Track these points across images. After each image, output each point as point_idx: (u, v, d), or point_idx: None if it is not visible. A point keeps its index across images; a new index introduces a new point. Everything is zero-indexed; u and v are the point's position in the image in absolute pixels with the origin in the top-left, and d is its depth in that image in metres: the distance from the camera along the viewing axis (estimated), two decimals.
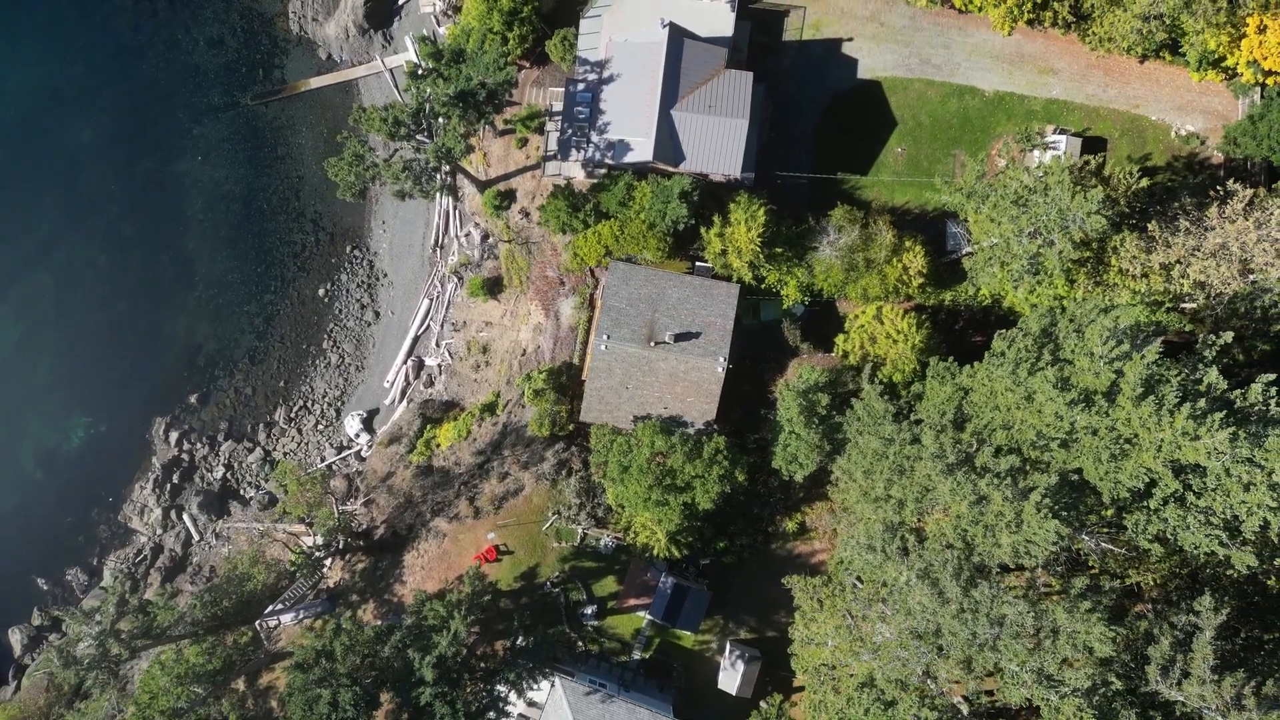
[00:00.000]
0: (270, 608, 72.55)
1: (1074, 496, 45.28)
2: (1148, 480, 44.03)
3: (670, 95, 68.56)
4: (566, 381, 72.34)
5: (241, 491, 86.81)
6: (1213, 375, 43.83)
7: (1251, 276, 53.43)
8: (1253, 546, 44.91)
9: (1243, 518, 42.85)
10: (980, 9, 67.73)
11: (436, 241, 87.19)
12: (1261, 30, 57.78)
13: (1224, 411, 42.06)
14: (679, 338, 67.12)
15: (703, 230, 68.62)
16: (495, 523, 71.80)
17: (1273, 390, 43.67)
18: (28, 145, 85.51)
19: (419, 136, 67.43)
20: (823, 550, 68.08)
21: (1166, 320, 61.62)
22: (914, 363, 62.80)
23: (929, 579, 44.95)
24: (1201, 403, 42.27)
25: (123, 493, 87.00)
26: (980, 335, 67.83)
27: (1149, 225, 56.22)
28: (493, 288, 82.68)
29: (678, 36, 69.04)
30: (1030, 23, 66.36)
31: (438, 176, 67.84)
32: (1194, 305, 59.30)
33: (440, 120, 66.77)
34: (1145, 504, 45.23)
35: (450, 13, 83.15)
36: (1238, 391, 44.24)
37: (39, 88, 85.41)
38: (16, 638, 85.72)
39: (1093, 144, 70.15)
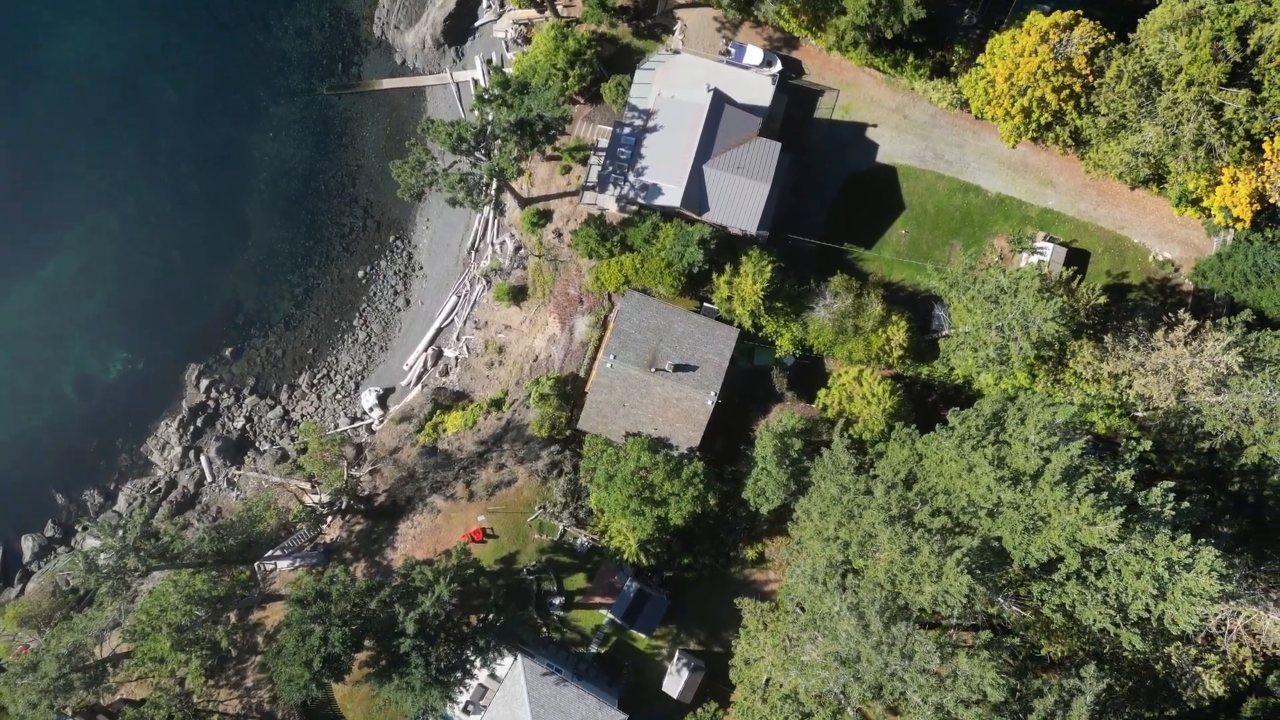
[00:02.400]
0: (270, 552, 79.28)
1: (992, 560, 51.92)
2: (1055, 555, 50.66)
3: (705, 152, 76.04)
4: (570, 391, 79.29)
5: (257, 444, 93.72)
6: (1124, 476, 50.61)
7: (1186, 398, 60.30)
8: (1139, 630, 51.40)
9: (1129, 601, 49.38)
10: (992, 119, 75.21)
11: (473, 245, 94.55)
12: (1234, 181, 64.96)
13: (1125, 506, 48.74)
14: (678, 368, 74.11)
15: (714, 275, 75.77)
16: (486, 507, 78.61)
17: (1170, 496, 50.37)
18: (120, 96, 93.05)
19: (478, 153, 74.94)
20: (776, 581, 74.68)
21: (1117, 424, 68.62)
22: (883, 424, 69.70)
23: (858, 611, 51.54)
24: (1105, 495, 48.99)
25: (148, 427, 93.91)
26: (951, 410, 74.77)
27: (1105, 337, 63.25)
28: (517, 295, 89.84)
29: (719, 101, 76.62)
30: (1035, 139, 73.64)
31: (488, 191, 75.25)
32: (1142, 415, 66.24)
33: (498, 142, 74.31)
34: (1052, 577, 51.80)
35: (520, 42, 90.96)
36: (1142, 493, 50.95)
37: (138, 47, 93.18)
38: (28, 544, 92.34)
39: (1077, 255, 77.33)
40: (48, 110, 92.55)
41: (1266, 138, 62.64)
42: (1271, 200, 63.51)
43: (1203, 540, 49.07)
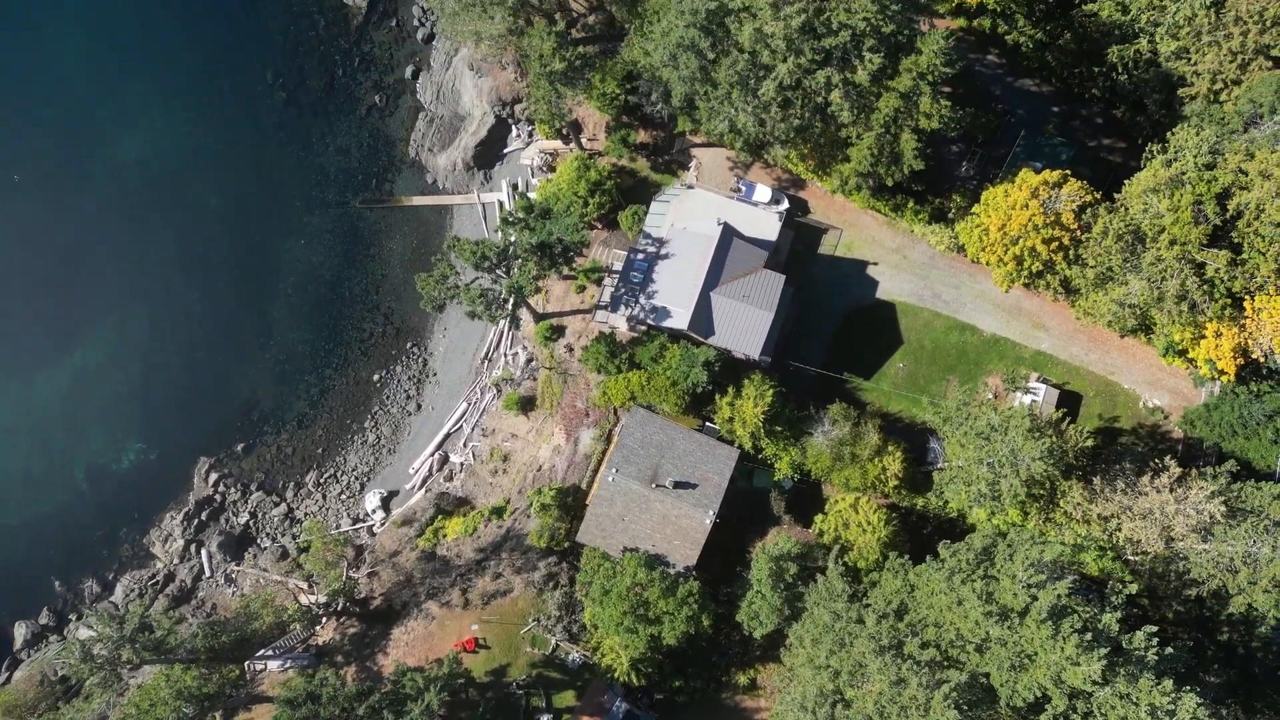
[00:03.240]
0: (261, 652, 79.13)
1: (980, 696, 52.11)
2: (1041, 695, 50.91)
3: (712, 280, 79.97)
4: (571, 503, 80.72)
5: (259, 540, 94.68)
6: (1110, 618, 51.45)
7: (1174, 544, 61.50)
8: None
9: None
10: (987, 264, 79.20)
11: (487, 355, 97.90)
12: (1218, 335, 67.94)
13: (1109, 649, 49.39)
14: (678, 484, 75.76)
15: (717, 397, 78.34)
16: (480, 616, 78.80)
17: (1153, 641, 51.01)
18: (165, 199, 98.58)
19: (498, 271, 79.05)
20: (766, 709, 73.98)
21: (1109, 567, 69.42)
22: (877, 553, 70.70)
23: None
24: (1090, 636, 49.72)
25: (153, 519, 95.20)
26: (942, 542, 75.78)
27: (1094, 479, 64.98)
28: (526, 405, 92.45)
29: (729, 234, 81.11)
30: (1027, 285, 77.37)
31: (506, 307, 78.97)
32: (1132, 559, 67.18)
33: (519, 262, 78.52)
34: (1039, 717, 51.89)
35: (545, 169, 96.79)
36: (1126, 636, 51.63)
37: (188, 155, 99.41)
38: (20, 631, 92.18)
39: (1070, 398, 79.83)
40: (95, 207, 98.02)
41: (1247, 296, 65.98)
42: (1254, 355, 66.28)
43: (1186, 688, 49.42)
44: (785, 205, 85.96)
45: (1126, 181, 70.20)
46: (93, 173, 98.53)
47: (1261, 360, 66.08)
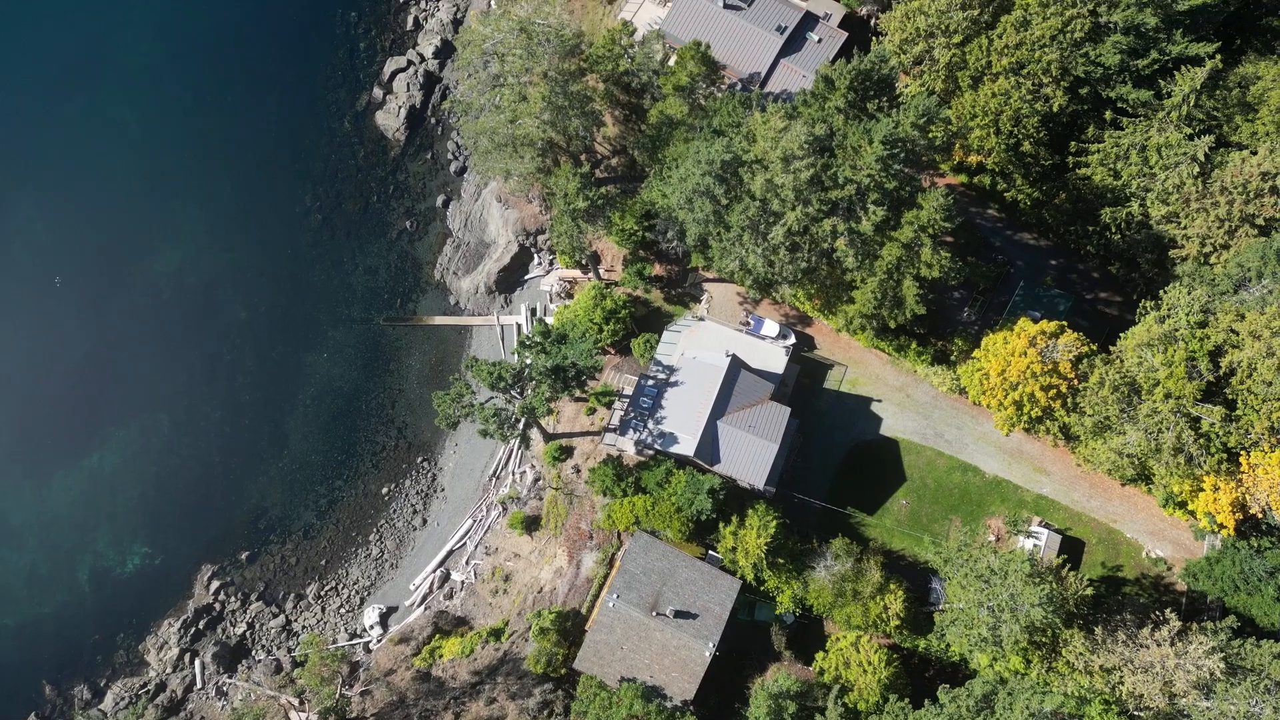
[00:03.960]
0: None
1: None
2: None
3: (720, 409, 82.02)
4: (571, 628, 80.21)
5: (254, 652, 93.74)
6: None
7: (1177, 700, 60.63)
8: None
9: None
10: (988, 406, 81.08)
11: (495, 472, 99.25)
12: (1215, 489, 68.80)
13: None
14: (679, 614, 75.50)
15: (721, 525, 79.01)
16: None
17: None
18: (196, 310, 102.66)
19: (513, 392, 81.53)
20: None
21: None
22: (878, 695, 69.67)
23: None
24: None
25: (151, 625, 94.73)
26: (941, 687, 74.51)
27: (1096, 629, 64.68)
28: (530, 525, 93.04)
29: (736, 366, 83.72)
30: (1027, 430, 78.97)
31: (518, 427, 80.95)
32: (1137, 713, 65.95)
33: (533, 383, 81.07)
34: None
35: (563, 296, 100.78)
36: None
37: (224, 270, 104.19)
38: None
39: (1073, 544, 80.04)
40: (128, 315, 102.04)
41: (1243, 452, 67.23)
42: (1252, 511, 66.96)
43: None
44: (792, 340, 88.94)
45: (1122, 334, 72.77)
46: (132, 282, 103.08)
47: (1260, 516, 66.71)
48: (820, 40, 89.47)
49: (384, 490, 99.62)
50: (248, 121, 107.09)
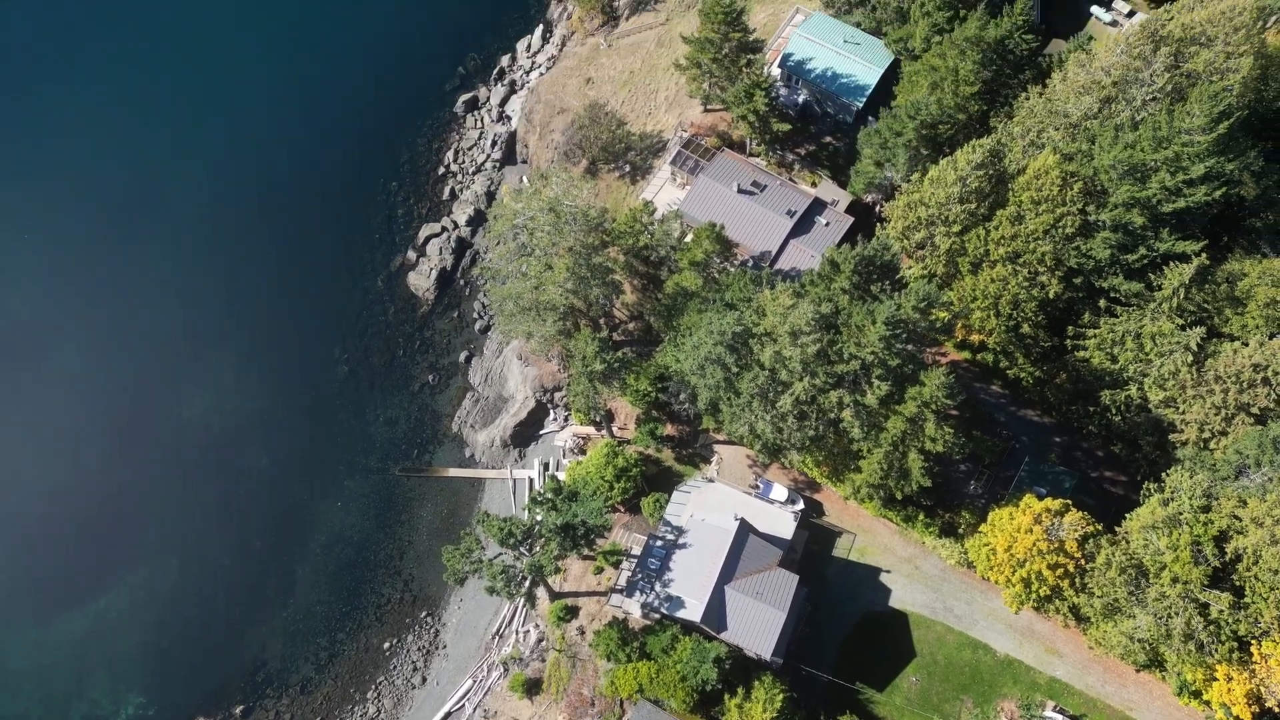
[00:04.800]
0: None
1: None
2: None
3: (728, 573, 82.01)
4: None
5: None
6: None
7: None
8: None
9: None
10: (997, 583, 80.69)
11: (498, 630, 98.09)
12: (1229, 679, 67.41)
13: None
14: None
15: (726, 697, 77.31)
16: None
17: None
18: (218, 456, 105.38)
19: (522, 549, 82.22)
20: None
21: None
22: None
23: None
24: None
25: None
26: None
27: None
28: (531, 688, 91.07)
29: (745, 530, 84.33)
30: (1037, 608, 78.25)
31: (525, 584, 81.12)
32: None
33: (542, 541, 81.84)
34: None
35: (576, 452, 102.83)
36: None
37: (249, 417, 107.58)
38: None
39: None
40: (151, 458, 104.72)
41: (1254, 641, 66.34)
42: (1269, 704, 65.32)
43: None
44: (801, 506, 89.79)
45: (1127, 515, 73.41)
46: (159, 426, 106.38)
47: (1277, 710, 65.03)
48: (828, 224, 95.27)
49: (385, 645, 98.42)
50: (286, 276, 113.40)
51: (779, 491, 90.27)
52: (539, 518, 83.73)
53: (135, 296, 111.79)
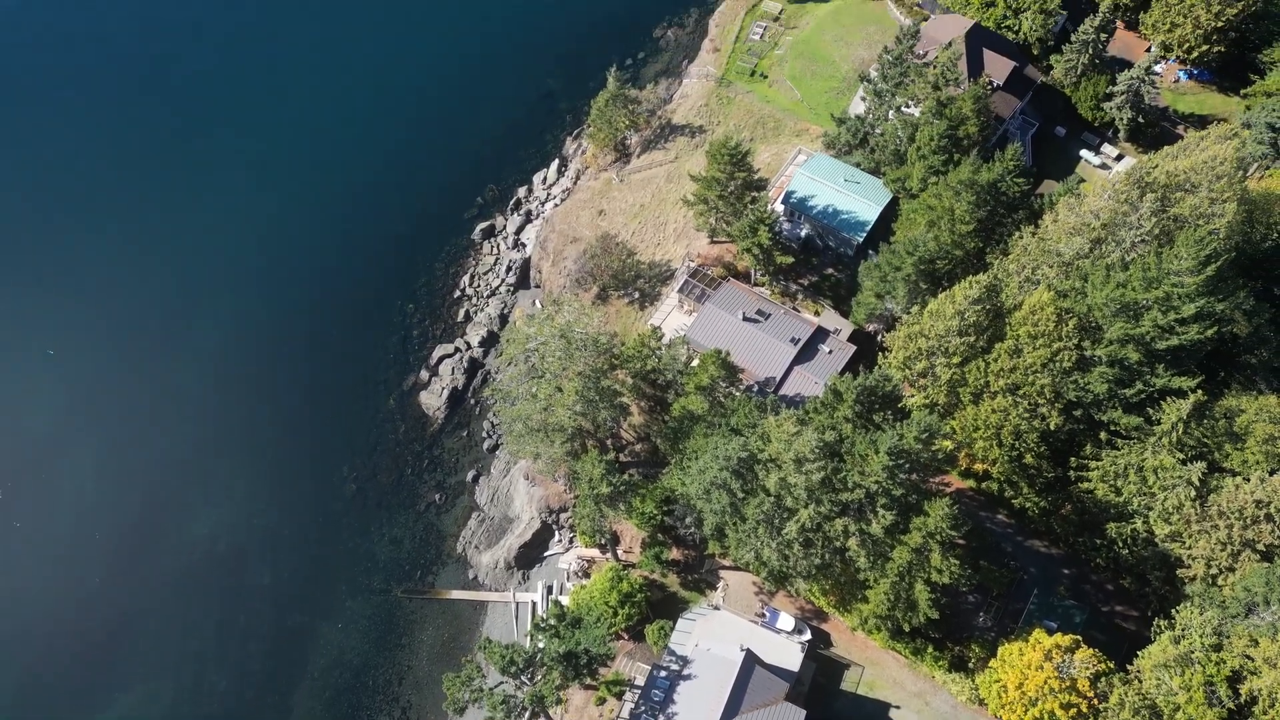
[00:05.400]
0: None
1: None
2: None
3: (733, 708, 79.95)
4: None
5: None
6: None
7: None
8: None
9: None
10: None
11: None
12: None
13: None
14: None
15: None
16: None
17: None
18: (223, 575, 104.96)
19: (524, 677, 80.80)
20: None
21: None
22: None
23: None
24: None
25: None
26: None
27: None
28: None
29: (751, 662, 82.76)
30: None
31: (525, 716, 79.29)
32: None
33: (544, 669, 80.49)
34: None
35: (581, 575, 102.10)
36: None
37: (256, 537, 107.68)
38: None
39: None
40: (155, 577, 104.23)
41: None
42: None
43: None
44: (808, 636, 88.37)
45: (1139, 652, 72.21)
46: (165, 542, 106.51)
47: None
48: (831, 352, 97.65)
49: None
50: (301, 394, 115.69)
51: (785, 620, 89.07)
52: (541, 645, 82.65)
53: (151, 409, 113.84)
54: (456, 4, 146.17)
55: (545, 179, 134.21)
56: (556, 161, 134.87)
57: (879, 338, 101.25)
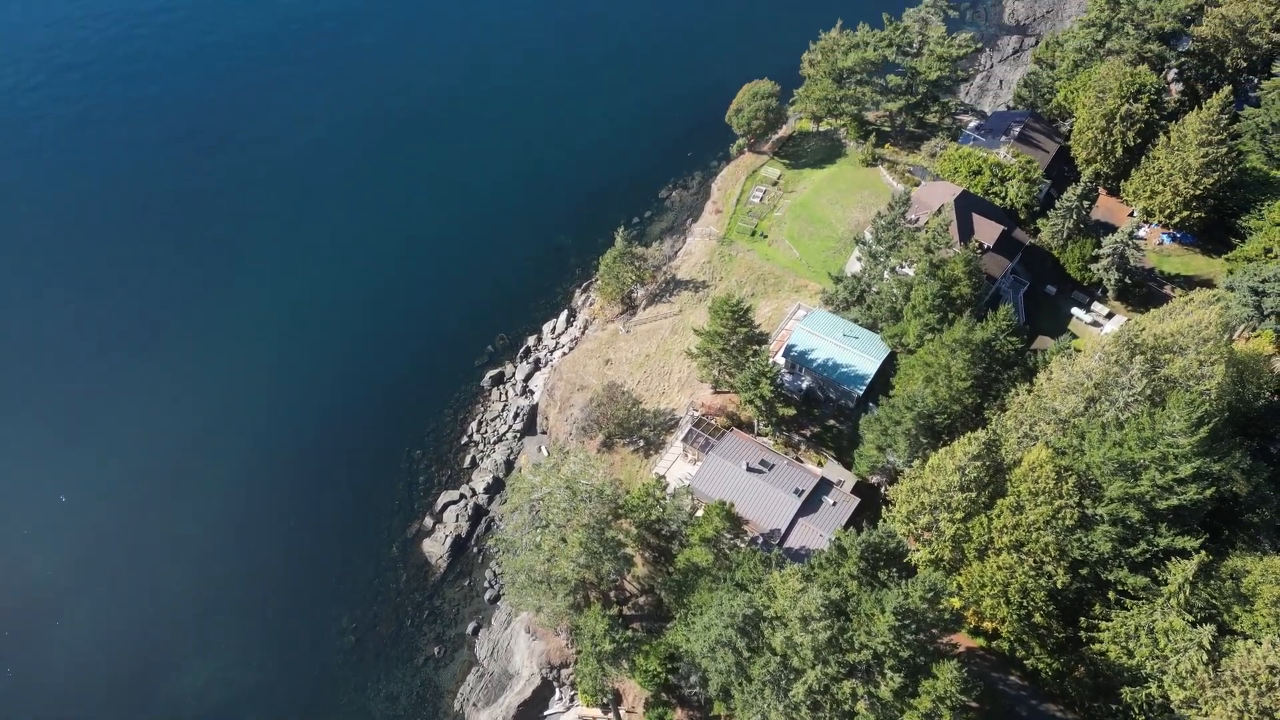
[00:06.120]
0: None
1: None
2: None
3: None
4: None
5: None
6: None
7: None
8: None
9: None
10: None
11: None
12: None
13: None
14: None
15: None
16: None
17: None
18: None
19: None
20: None
21: None
22: None
23: None
24: None
25: None
26: None
27: None
28: None
29: None
30: None
31: None
32: None
33: None
34: None
35: None
36: None
37: (250, 687, 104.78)
38: None
39: None
40: None
41: None
42: None
43: None
44: None
45: None
46: (157, 699, 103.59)
47: None
48: (835, 503, 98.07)
49: None
50: (304, 542, 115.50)
51: None
52: None
53: (154, 555, 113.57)
54: (474, 163, 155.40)
55: (554, 328, 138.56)
56: (565, 312, 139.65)
57: (882, 490, 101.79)
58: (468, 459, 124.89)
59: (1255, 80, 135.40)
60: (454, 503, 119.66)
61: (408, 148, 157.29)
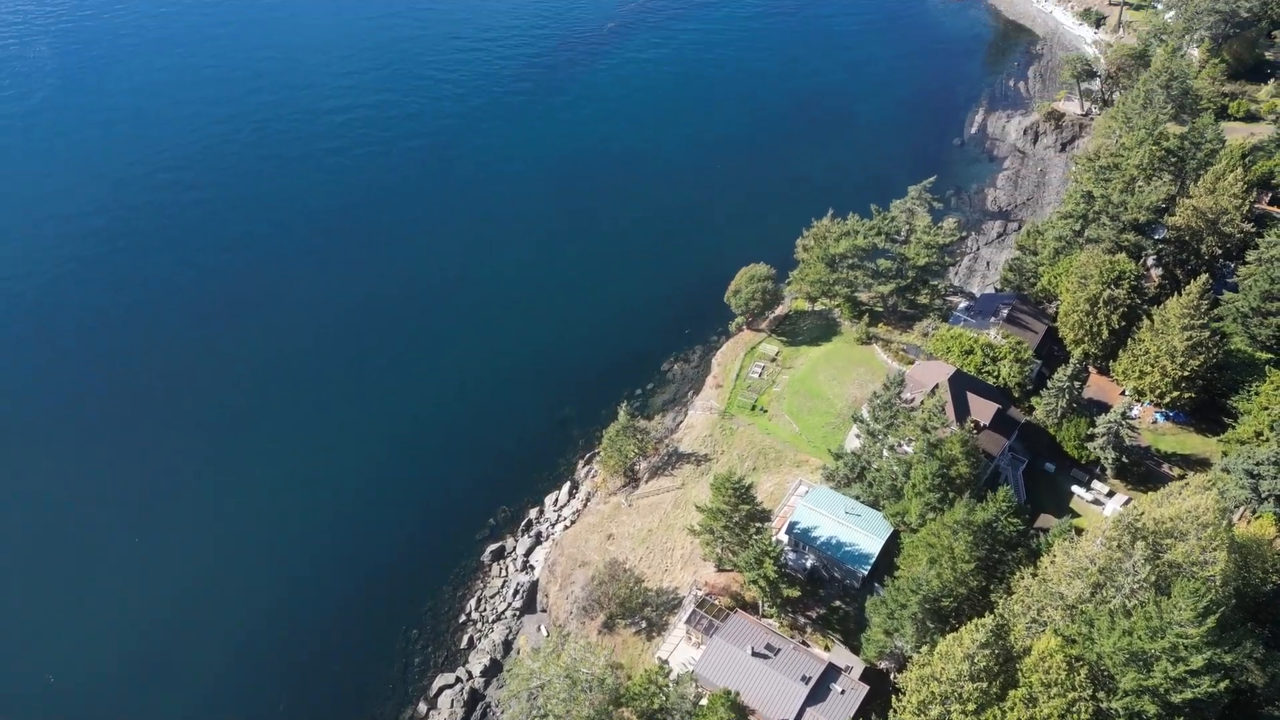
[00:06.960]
0: None
1: None
2: None
3: None
4: None
5: None
6: None
7: None
8: None
9: None
10: None
11: None
12: None
13: None
14: None
15: None
16: None
17: None
18: None
19: None
20: None
21: None
22: None
23: None
24: None
25: None
26: None
27: None
28: None
29: None
30: None
31: None
32: None
33: None
34: None
35: None
36: None
37: None
38: None
39: None
40: None
41: None
42: None
43: None
44: None
45: None
46: None
47: None
48: (843, 691, 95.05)
49: None
50: None
51: None
52: None
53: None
54: (483, 343, 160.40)
55: (557, 501, 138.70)
56: (568, 484, 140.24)
57: (892, 676, 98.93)
58: (465, 639, 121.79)
59: (1232, 266, 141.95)
60: (449, 686, 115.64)
61: (422, 327, 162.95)
